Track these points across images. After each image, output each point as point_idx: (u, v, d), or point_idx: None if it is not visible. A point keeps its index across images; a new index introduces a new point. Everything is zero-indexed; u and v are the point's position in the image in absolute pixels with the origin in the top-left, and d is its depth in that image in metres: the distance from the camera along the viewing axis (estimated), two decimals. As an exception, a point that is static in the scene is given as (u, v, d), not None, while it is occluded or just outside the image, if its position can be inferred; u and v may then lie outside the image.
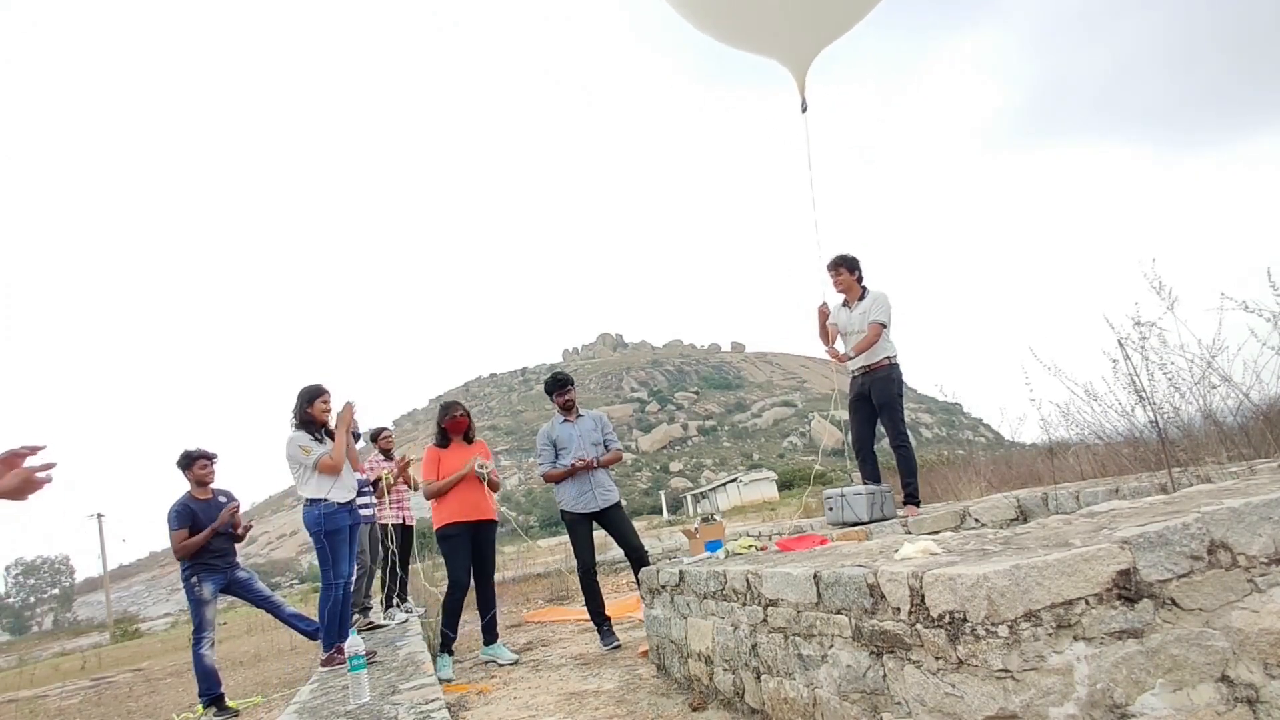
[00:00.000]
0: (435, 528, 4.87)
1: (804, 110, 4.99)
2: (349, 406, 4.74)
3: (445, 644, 4.70)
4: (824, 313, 5.30)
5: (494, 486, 5.00)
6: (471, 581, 4.96)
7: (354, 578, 5.26)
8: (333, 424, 4.83)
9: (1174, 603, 1.61)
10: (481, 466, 4.90)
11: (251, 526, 5.32)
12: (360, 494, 6.29)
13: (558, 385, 5.12)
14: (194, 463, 5.14)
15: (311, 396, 4.64)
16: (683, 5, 4.97)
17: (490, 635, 5.03)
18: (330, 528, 4.46)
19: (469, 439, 5.07)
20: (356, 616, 5.98)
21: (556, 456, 5.00)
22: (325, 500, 4.45)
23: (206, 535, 5.00)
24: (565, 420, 5.07)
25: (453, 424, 4.98)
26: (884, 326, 4.99)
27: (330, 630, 4.56)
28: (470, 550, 4.84)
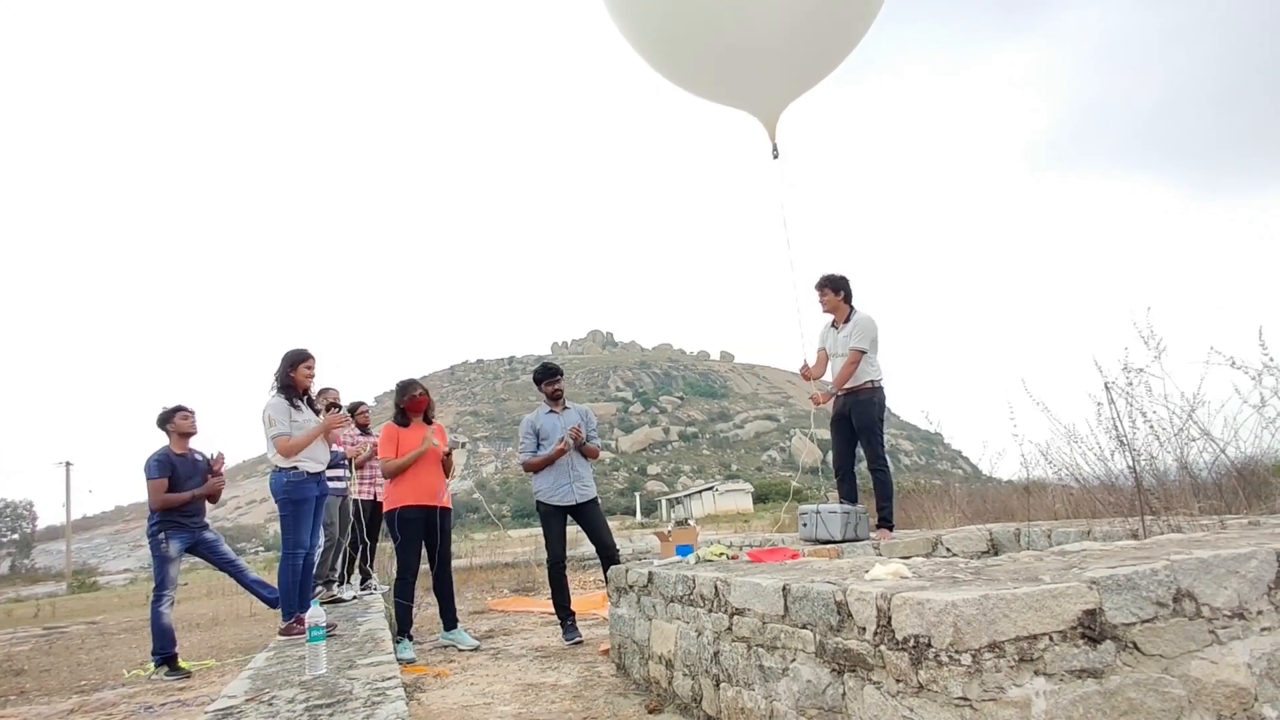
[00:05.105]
0: (388, 509, 4.80)
1: (775, 157, 4.96)
2: (340, 419, 4.77)
3: (403, 629, 4.66)
4: (807, 374, 5.29)
5: (447, 470, 4.97)
6: (427, 568, 4.94)
7: (320, 549, 5.23)
8: (314, 391, 4.81)
9: (1136, 647, 1.62)
10: (454, 444, 4.91)
11: (224, 460, 5.26)
12: (336, 466, 6.26)
13: (548, 374, 5.11)
14: (175, 415, 5.09)
15: (295, 361, 4.58)
16: (650, 57, 4.95)
17: (450, 621, 5.00)
18: (297, 496, 4.41)
19: (428, 419, 5.03)
20: (319, 589, 5.93)
21: (538, 447, 4.98)
22: (294, 469, 4.41)
23: (188, 498, 4.95)
24: (551, 411, 5.06)
25: (412, 404, 4.93)
26: (863, 353, 5.00)
27: (289, 599, 4.51)
28: (425, 536, 4.81)
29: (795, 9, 4.34)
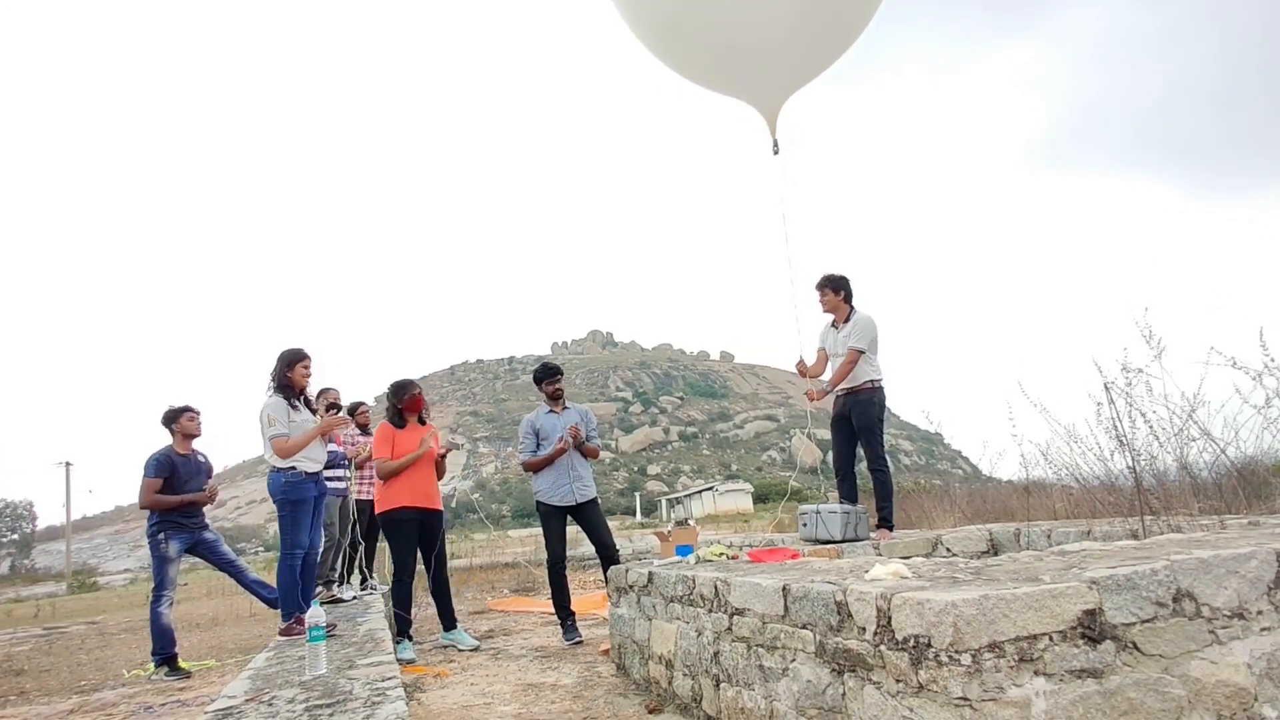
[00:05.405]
0: (381, 510, 4.79)
1: (775, 152, 4.98)
2: (339, 419, 4.79)
3: (402, 629, 4.66)
4: (803, 371, 5.30)
5: (440, 472, 4.98)
6: (422, 568, 4.95)
7: (321, 549, 5.22)
8: (312, 391, 4.81)
9: (1136, 647, 1.62)
10: (451, 446, 4.93)
11: (217, 494, 5.28)
12: (339, 466, 6.26)
13: (548, 374, 5.11)
14: (181, 415, 5.09)
15: (292, 361, 4.58)
16: (651, 42, 4.97)
17: (449, 622, 5.00)
18: (295, 497, 4.41)
19: (422, 420, 5.04)
20: (319, 589, 5.94)
21: (538, 446, 4.98)
22: (292, 469, 4.41)
23: (180, 501, 4.94)
24: (550, 411, 5.06)
25: (411, 404, 4.93)
26: (861, 353, 5.00)
27: (288, 600, 4.51)
28: (419, 537, 4.81)
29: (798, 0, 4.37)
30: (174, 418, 5.08)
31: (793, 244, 5.00)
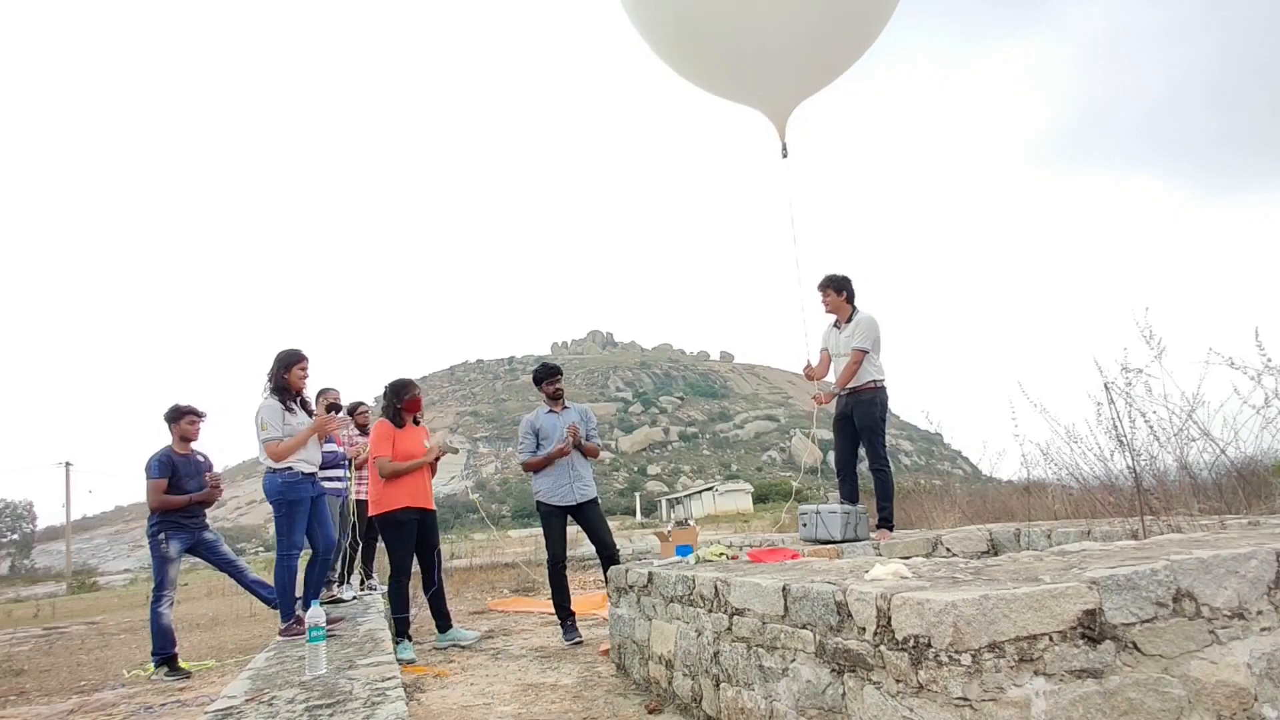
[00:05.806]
0: (380, 512, 4.76)
1: (784, 156, 5.04)
2: (331, 420, 4.80)
3: (401, 630, 4.66)
4: (810, 374, 5.32)
5: (432, 471, 5.01)
6: (417, 569, 4.95)
7: (334, 547, 5.24)
8: (309, 394, 4.82)
9: (1136, 647, 1.62)
10: (451, 449, 4.95)
11: (223, 488, 5.28)
12: (337, 466, 6.26)
13: (548, 373, 5.12)
14: (183, 417, 5.10)
15: (289, 362, 4.58)
16: (664, 51, 5.02)
17: (444, 623, 5.00)
18: (291, 497, 4.42)
19: (416, 420, 5.06)
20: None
21: (538, 446, 4.98)
22: (288, 469, 4.41)
23: (185, 501, 4.94)
24: (550, 411, 5.06)
25: (412, 403, 4.95)
26: (865, 353, 5.01)
27: (286, 600, 4.51)
28: (417, 538, 4.82)
29: (811, 11, 4.40)
30: (176, 417, 5.09)
31: (799, 245, 5.06)
